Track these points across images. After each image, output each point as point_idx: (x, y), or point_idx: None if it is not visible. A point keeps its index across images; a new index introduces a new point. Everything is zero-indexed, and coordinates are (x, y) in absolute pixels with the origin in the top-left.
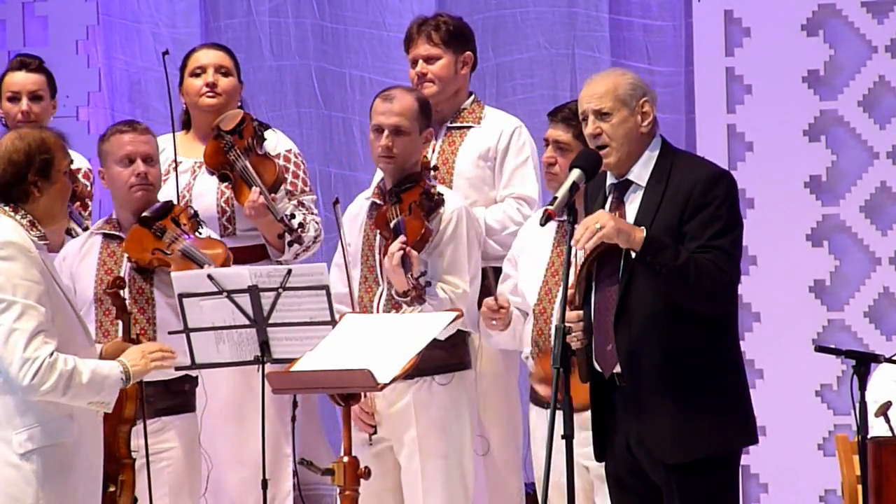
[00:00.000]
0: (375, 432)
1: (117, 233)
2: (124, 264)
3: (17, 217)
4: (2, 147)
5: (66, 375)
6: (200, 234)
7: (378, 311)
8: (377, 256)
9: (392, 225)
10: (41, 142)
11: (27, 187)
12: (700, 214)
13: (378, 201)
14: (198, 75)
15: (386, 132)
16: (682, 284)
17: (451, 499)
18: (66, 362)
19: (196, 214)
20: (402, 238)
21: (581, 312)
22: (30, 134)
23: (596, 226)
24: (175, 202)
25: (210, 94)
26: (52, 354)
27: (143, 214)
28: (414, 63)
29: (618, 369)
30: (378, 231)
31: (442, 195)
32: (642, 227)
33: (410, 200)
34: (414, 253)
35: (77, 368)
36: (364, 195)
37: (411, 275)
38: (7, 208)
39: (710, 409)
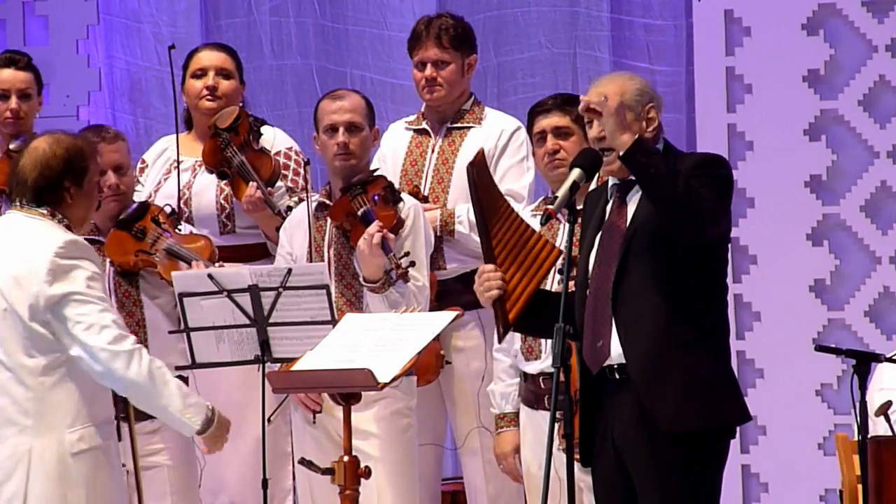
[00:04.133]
0: (320, 411)
1: (96, 237)
2: (107, 268)
3: (54, 221)
4: (38, 151)
5: (151, 365)
6: (180, 230)
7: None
8: (329, 253)
9: (360, 213)
10: (79, 150)
11: (61, 192)
12: (693, 175)
13: (327, 201)
14: (199, 77)
15: (341, 129)
16: (670, 191)
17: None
18: (148, 357)
19: (174, 212)
20: (377, 223)
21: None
22: (67, 140)
23: (603, 97)
24: (150, 202)
25: (210, 97)
26: (134, 343)
27: (120, 217)
28: (421, 65)
29: (608, 362)
30: (337, 223)
31: (397, 192)
32: (636, 132)
33: (374, 192)
34: (391, 235)
35: (161, 367)
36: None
37: (394, 255)
38: (44, 212)
39: (711, 380)
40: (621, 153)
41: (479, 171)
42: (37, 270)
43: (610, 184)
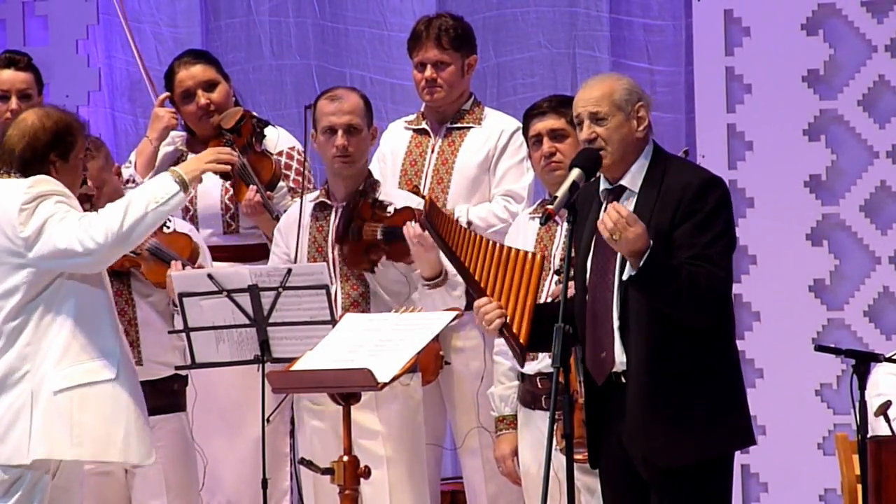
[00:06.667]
0: None
1: None
2: None
3: None
4: (27, 122)
5: (109, 217)
6: (168, 227)
7: (338, 309)
8: (333, 253)
9: (381, 237)
10: (67, 124)
11: (46, 165)
12: (691, 220)
13: (327, 201)
14: (188, 101)
15: (340, 132)
16: (674, 307)
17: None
18: (99, 211)
19: None
20: (410, 226)
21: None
22: (56, 114)
23: (617, 237)
24: None
25: (206, 116)
26: (80, 221)
27: None
28: (421, 66)
29: (614, 370)
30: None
31: (383, 201)
32: (647, 251)
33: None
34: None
35: (114, 205)
36: (309, 197)
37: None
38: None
39: (705, 412)
40: (629, 276)
41: (431, 217)
42: (12, 218)
43: (601, 188)
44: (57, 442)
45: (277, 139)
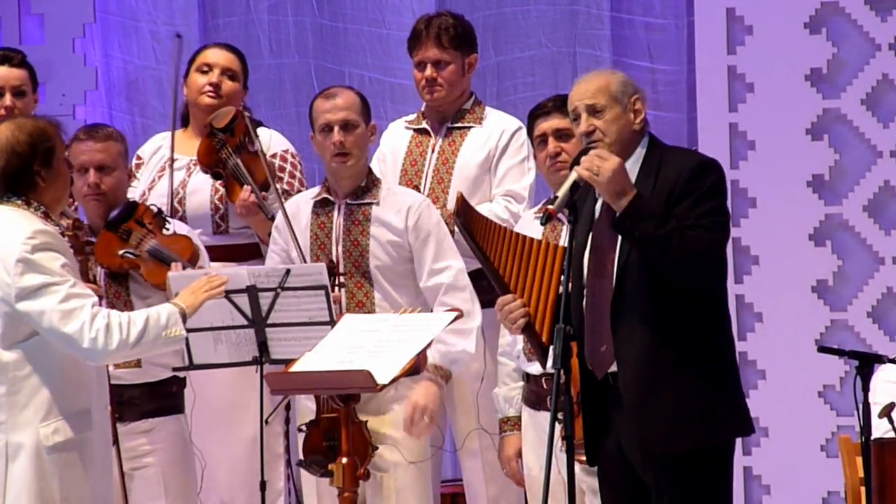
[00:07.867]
0: None
1: (89, 239)
2: (98, 270)
3: (31, 210)
4: (2, 139)
5: (127, 330)
6: (168, 230)
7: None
8: (337, 250)
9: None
10: (42, 131)
11: (33, 177)
12: (686, 200)
13: (330, 198)
14: (203, 73)
15: (336, 128)
16: (665, 255)
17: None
18: (117, 316)
19: (160, 212)
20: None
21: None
22: (28, 123)
23: (595, 171)
24: (139, 201)
25: (211, 94)
26: (94, 317)
27: (109, 218)
28: (421, 65)
29: (612, 369)
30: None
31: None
32: (632, 193)
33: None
34: None
35: (133, 319)
36: (308, 194)
37: None
38: (19, 202)
39: (704, 399)
40: (615, 217)
41: (464, 213)
42: (7, 263)
43: None
44: (48, 500)
45: (270, 141)
